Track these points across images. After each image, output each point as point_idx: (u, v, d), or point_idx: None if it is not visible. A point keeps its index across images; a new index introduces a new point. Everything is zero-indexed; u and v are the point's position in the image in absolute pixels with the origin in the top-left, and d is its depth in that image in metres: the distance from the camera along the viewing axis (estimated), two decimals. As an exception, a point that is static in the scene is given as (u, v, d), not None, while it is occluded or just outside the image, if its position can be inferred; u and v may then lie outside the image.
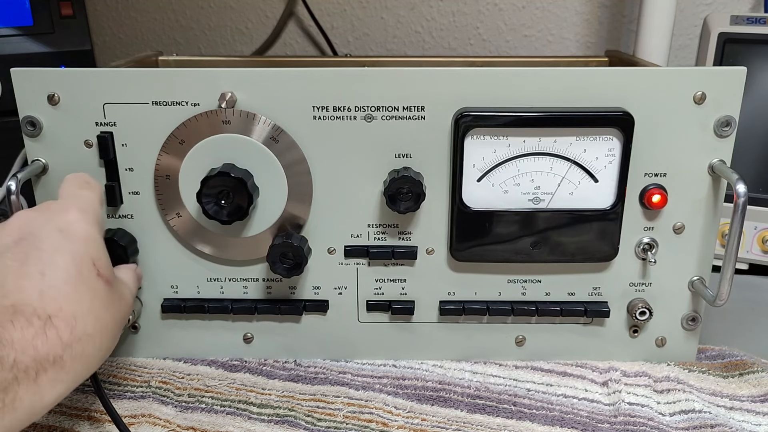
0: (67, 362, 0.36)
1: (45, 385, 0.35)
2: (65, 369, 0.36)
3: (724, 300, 0.50)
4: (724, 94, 0.48)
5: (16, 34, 0.78)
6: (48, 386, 0.36)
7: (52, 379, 0.36)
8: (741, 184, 0.47)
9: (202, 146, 0.49)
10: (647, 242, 0.52)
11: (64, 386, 0.37)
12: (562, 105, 0.48)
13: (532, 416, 0.49)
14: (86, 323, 0.38)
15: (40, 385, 0.35)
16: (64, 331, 0.36)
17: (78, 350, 0.37)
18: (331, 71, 0.48)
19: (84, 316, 0.38)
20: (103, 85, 0.48)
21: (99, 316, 0.39)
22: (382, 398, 0.51)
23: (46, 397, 0.36)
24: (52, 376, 0.36)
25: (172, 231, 0.52)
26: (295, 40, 0.99)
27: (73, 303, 0.38)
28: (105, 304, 0.40)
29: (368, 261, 0.53)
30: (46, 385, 0.35)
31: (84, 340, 0.37)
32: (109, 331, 0.40)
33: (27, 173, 0.49)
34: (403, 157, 0.50)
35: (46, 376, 0.35)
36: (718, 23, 0.69)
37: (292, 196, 0.50)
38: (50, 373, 0.36)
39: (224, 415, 0.49)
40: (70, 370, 0.37)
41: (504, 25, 0.91)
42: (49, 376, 0.36)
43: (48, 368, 0.35)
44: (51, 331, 0.36)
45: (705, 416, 0.48)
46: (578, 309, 0.53)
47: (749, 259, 0.71)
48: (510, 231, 0.51)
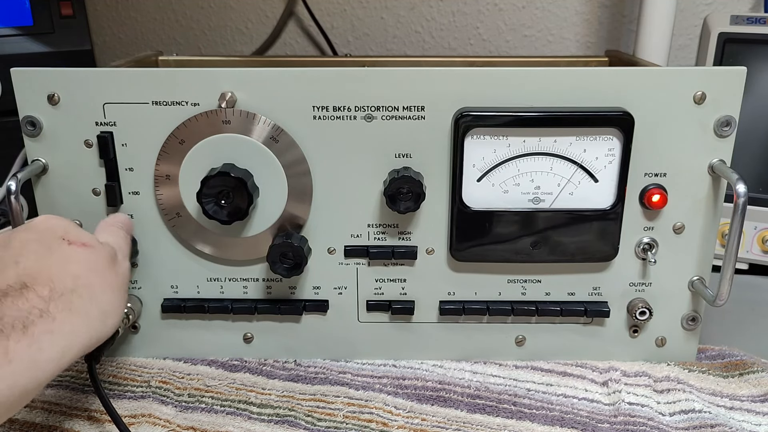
0: (55, 314, 0.38)
1: (40, 336, 0.36)
2: (57, 320, 0.38)
3: (724, 300, 0.49)
4: (724, 94, 0.48)
5: (16, 34, 0.78)
6: (44, 337, 0.37)
7: (46, 330, 0.37)
8: (741, 184, 0.47)
9: (202, 146, 0.49)
10: (647, 242, 0.52)
11: (64, 339, 0.38)
12: (562, 105, 0.48)
13: (532, 416, 0.49)
14: (65, 282, 0.40)
15: (33, 336, 0.36)
16: (43, 290, 0.38)
17: (64, 303, 0.39)
18: (331, 71, 0.48)
19: (61, 277, 0.40)
20: (103, 85, 0.48)
21: (79, 275, 0.41)
22: (382, 398, 0.51)
23: (47, 349, 0.37)
24: (44, 327, 0.37)
25: (172, 231, 0.52)
26: (295, 40, 0.99)
27: (46, 270, 0.40)
28: (86, 265, 0.42)
29: (368, 261, 0.53)
30: (40, 336, 0.36)
31: (67, 294, 0.39)
32: (100, 288, 0.42)
33: (27, 173, 0.49)
34: (403, 157, 0.50)
35: (36, 327, 0.36)
36: (718, 23, 0.69)
37: (292, 196, 0.50)
38: (40, 324, 0.37)
39: (224, 415, 0.49)
40: (63, 321, 0.38)
41: (504, 25, 0.91)
42: (40, 327, 0.37)
43: (35, 320, 0.37)
44: (29, 293, 0.38)
45: (705, 416, 0.48)
46: (578, 309, 0.53)
47: (749, 259, 0.71)
48: (510, 231, 0.51)
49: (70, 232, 0.44)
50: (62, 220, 0.45)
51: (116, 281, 0.44)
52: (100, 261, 0.43)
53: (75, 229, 0.44)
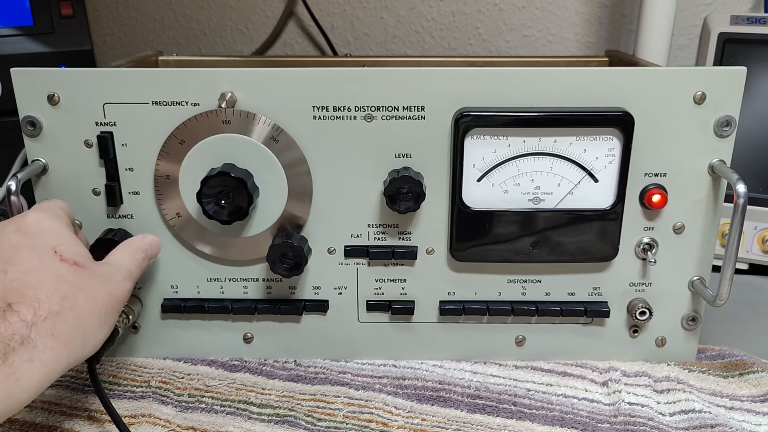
0: (36, 341, 0.37)
1: (19, 366, 0.35)
2: (38, 348, 0.37)
3: (724, 300, 0.50)
4: (724, 94, 0.48)
5: (16, 34, 0.78)
6: (23, 367, 0.36)
7: (26, 359, 0.36)
8: (741, 184, 0.47)
9: (202, 146, 0.49)
10: (647, 242, 0.52)
11: (43, 367, 0.37)
12: (562, 105, 0.48)
13: (532, 416, 0.49)
14: (51, 303, 0.38)
15: (12, 366, 0.35)
16: (27, 313, 0.37)
17: (46, 328, 0.37)
18: (331, 71, 0.48)
19: (48, 297, 0.38)
20: (103, 85, 0.48)
21: (66, 296, 0.39)
22: (382, 398, 0.51)
23: (24, 379, 0.36)
24: (25, 356, 0.36)
25: (172, 231, 0.52)
26: (295, 40, 0.99)
27: (34, 288, 0.38)
28: (75, 286, 0.40)
29: (368, 261, 0.53)
30: (20, 366, 0.36)
31: (51, 318, 0.38)
32: (88, 311, 0.40)
33: (27, 173, 0.49)
34: (403, 157, 0.50)
35: (17, 356, 0.36)
36: (718, 23, 0.69)
37: (292, 196, 0.50)
38: (21, 352, 0.36)
39: (224, 415, 0.49)
40: (44, 348, 0.37)
41: (504, 25, 0.91)
42: (21, 356, 0.36)
43: (16, 348, 0.36)
44: (12, 316, 0.37)
45: (705, 416, 0.48)
46: (578, 309, 0.53)
47: (749, 259, 0.71)
48: (510, 231, 0.51)
49: (63, 244, 0.42)
50: (56, 223, 0.44)
51: (105, 303, 0.42)
52: (91, 282, 0.41)
53: (69, 239, 0.43)
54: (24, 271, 0.39)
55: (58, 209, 0.46)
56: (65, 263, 0.41)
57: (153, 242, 0.50)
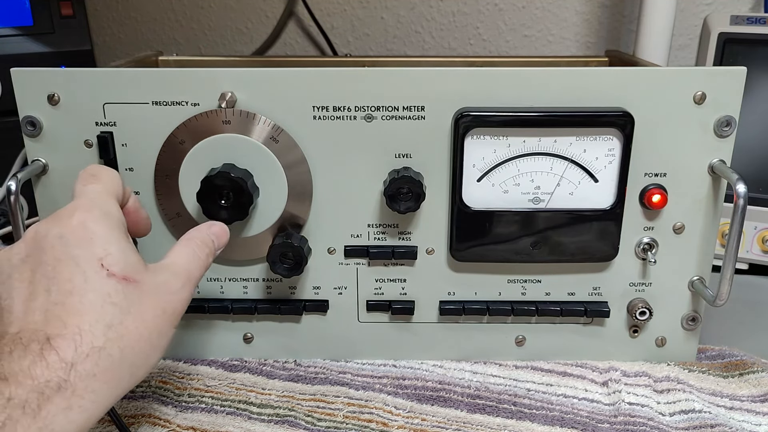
0: (76, 384, 0.31)
1: (53, 418, 0.31)
2: (77, 392, 0.31)
3: (724, 300, 0.49)
4: (724, 94, 0.48)
5: (16, 34, 0.78)
6: (59, 417, 0.31)
7: (63, 407, 0.31)
8: (741, 184, 0.47)
9: (202, 146, 0.49)
10: (647, 242, 0.52)
11: (83, 414, 0.32)
12: (562, 105, 0.48)
13: (532, 416, 0.49)
14: (94, 335, 0.33)
15: (45, 419, 0.30)
16: (67, 351, 0.32)
17: (88, 368, 0.32)
18: (331, 71, 0.48)
19: (91, 327, 0.33)
20: (103, 85, 0.48)
21: (112, 324, 0.34)
22: (382, 398, 0.51)
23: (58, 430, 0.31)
24: (61, 404, 0.31)
25: (172, 231, 0.52)
26: (295, 40, 0.99)
27: (77, 315, 0.33)
28: (123, 309, 0.34)
29: (368, 261, 0.53)
30: (55, 416, 0.31)
31: (93, 355, 0.32)
32: (136, 338, 0.34)
33: (27, 173, 0.49)
34: (403, 157, 0.50)
35: (53, 405, 0.31)
36: (718, 23, 0.69)
37: (292, 196, 0.50)
38: (57, 401, 0.31)
39: (224, 415, 0.49)
40: (83, 392, 0.32)
41: (504, 25, 0.91)
42: (57, 404, 0.31)
43: (52, 396, 0.31)
44: (50, 355, 0.31)
45: (705, 416, 0.48)
46: (578, 309, 0.53)
47: (749, 259, 0.71)
48: (510, 231, 0.51)
49: (111, 254, 0.35)
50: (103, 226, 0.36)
51: (158, 324, 0.36)
52: (142, 300, 0.35)
53: (117, 246, 0.36)
54: (68, 291, 0.33)
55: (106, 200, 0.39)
56: (113, 279, 0.35)
57: (221, 232, 0.43)
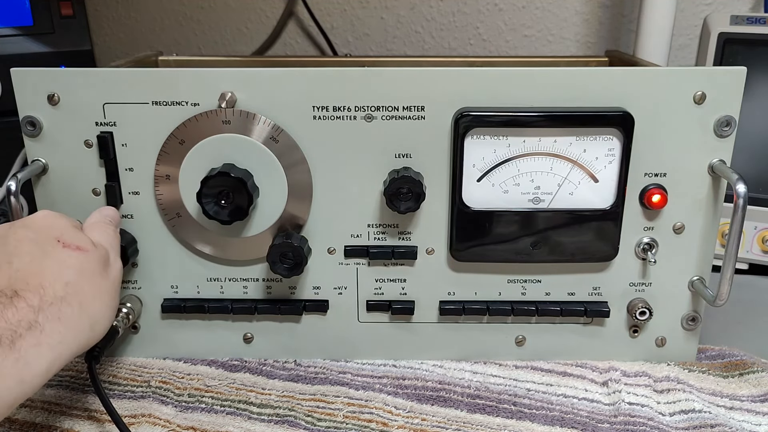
0: (44, 325, 0.38)
1: (27, 351, 0.36)
2: (45, 332, 0.37)
3: (724, 300, 0.50)
4: (724, 94, 0.48)
5: (16, 34, 0.78)
6: (31, 351, 0.36)
7: (34, 343, 0.37)
8: (741, 184, 0.47)
9: (202, 146, 0.49)
10: (647, 242, 0.52)
11: (52, 351, 0.38)
12: (562, 105, 0.48)
13: (532, 416, 0.49)
14: (55, 288, 0.39)
15: (20, 352, 0.36)
16: (33, 299, 0.38)
17: (53, 312, 0.38)
18: (331, 71, 0.48)
19: (52, 283, 0.39)
20: (103, 85, 0.48)
21: (70, 281, 0.40)
22: (382, 398, 0.51)
23: (33, 363, 0.36)
24: (32, 340, 0.37)
25: (172, 231, 0.52)
26: (295, 40, 0.99)
27: (39, 276, 0.39)
28: (78, 271, 0.41)
29: (368, 261, 0.53)
30: (28, 350, 0.36)
31: (56, 303, 0.39)
32: (89, 292, 0.41)
33: (27, 173, 0.49)
34: (403, 157, 0.50)
35: (24, 341, 0.36)
36: (718, 23, 0.69)
37: (292, 196, 0.50)
38: (28, 338, 0.36)
39: (224, 415, 0.49)
40: (51, 332, 0.38)
41: (504, 25, 0.91)
42: (28, 341, 0.36)
43: (23, 333, 0.36)
44: (19, 302, 0.37)
45: (705, 416, 0.48)
46: (578, 309, 0.53)
47: (749, 259, 0.71)
48: (510, 231, 0.51)
49: (66, 234, 0.43)
50: (60, 219, 0.44)
51: (107, 286, 0.43)
52: (92, 266, 0.43)
53: (71, 230, 0.44)
54: (28, 261, 0.40)
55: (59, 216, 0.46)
56: (68, 249, 0.42)
57: (113, 213, 0.50)
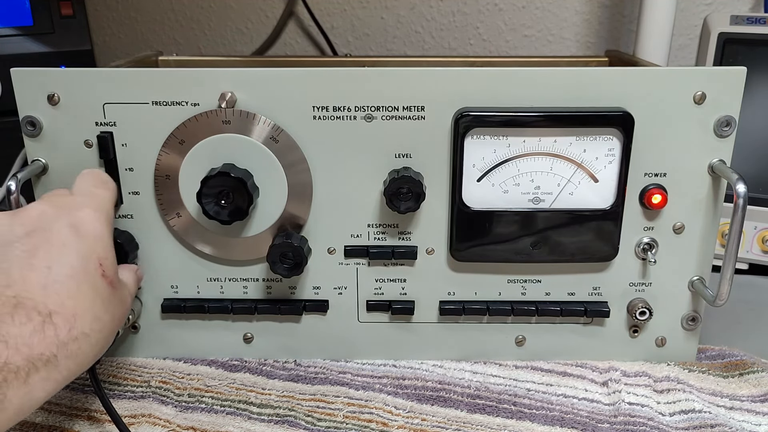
0: (60, 362, 0.36)
1: (35, 385, 0.35)
2: (58, 368, 0.36)
3: (724, 300, 0.49)
4: (724, 94, 0.48)
5: (16, 34, 0.78)
6: (39, 385, 0.35)
7: (44, 378, 0.35)
8: (741, 184, 0.47)
9: (202, 146, 0.49)
10: (647, 242, 0.52)
11: (55, 385, 0.37)
12: (562, 105, 0.48)
13: (532, 416, 0.49)
14: (85, 322, 0.38)
15: (30, 385, 0.35)
16: (62, 329, 0.36)
17: (73, 349, 0.37)
18: (331, 71, 0.48)
19: (84, 315, 0.38)
20: (103, 85, 0.48)
21: (98, 316, 0.39)
22: (382, 398, 0.51)
23: (36, 396, 0.35)
24: (44, 375, 0.35)
25: (172, 231, 0.52)
26: (295, 40, 0.99)
27: (75, 300, 0.38)
28: (105, 305, 0.40)
29: (368, 261, 0.53)
30: (36, 384, 0.35)
31: (80, 339, 0.37)
32: (106, 332, 0.40)
33: (27, 173, 0.49)
34: (403, 157, 0.50)
35: (38, 375, 0.35)
36: (718, 23, 0.69)
37: (292, 196, 0.50)
38: (42, 372, 0.35)
39: (224, 415, 0.49)
40: (63, 369, 0.37)
41: (504, 25, 0.91)
42: (41, 375, 0.35)
43: (40, 368, 0.35)
44: (49, 329, 0.36)
45: (705, 416, 0.48)
46: (578, 309, 0.53)
47: (749, 259, 0.71)
48: (510, 231, 0.51)
49: (107, 259, 0.41)
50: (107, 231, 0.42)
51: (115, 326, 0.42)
52: (114, 305, 0.41)
53: (111, 253, 0.42)
54: (68, 275, 0.38)
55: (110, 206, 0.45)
56: (104, 280, 0.40)
57: (141, 273, 0.50)
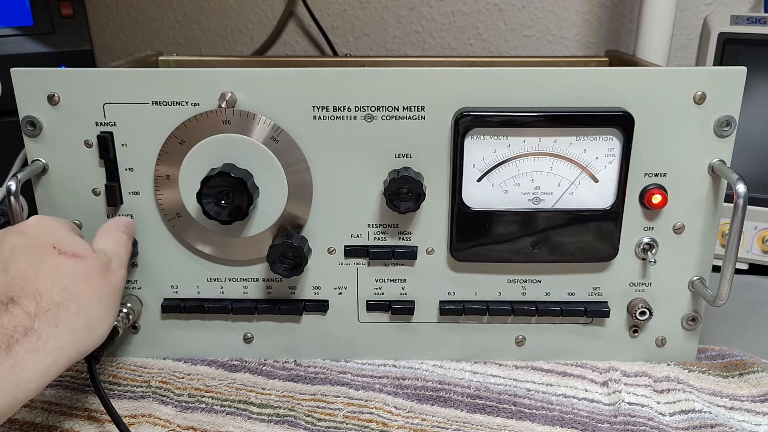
0: (40, 331, 0.38)
1: (23, 356, 0.36)
2: (42, 338, 0.38)
3: (724, 300, 0.50)
4: (724, 94, 0.48)
5: (16, 34, 0.78)
6: (27, 357, 0.37)
7: (30, 349, 0.37)
8: (741, 184, 0.47)
9: (202, 146, 0.49)
10: (647, 242, 0.52)
11: (48, 357, 0.38)
12: (562, 105, 0.48)
13: (532, 416, 0.49)
14: (52, 294, 0.39)
15: (16, 357, 0.36)
16: (29, 305, 0.38)
17: (50, 318, 0.38)
18: (331, 71, 0.48)
19: (49, 289, 0.39)
20: (103, 85, 0.48)
21: (65, 287, 0.40)
22: (382, 398, 0.51)
23: (29, 369, 0.37)
24: (29, 346, 0.37)
25: (172, 231, 0.52)
26: (295, 40, 0.99)
27: (35, 282, 0.39)
28: (75, 277, 0.41)
29: (368, 261, 0.53)
30: (24, 356, 0.36)
31: (53, 309, 0.39)
32: (85, 297, 0.41)
33: (27, 173, 0.49)
34: (403, 157, 0.50)
35: (21, 347, 0.36)
36: (718, 23, 0.69)
37: (292, 196, 0.50)
38: (25, 343, 0.37)
39: (224, 415, 0.49)
40: (48, 338, 0.38)
41: (504, 25, 0.91)
42: (25, 346, 0.37)
43: (20, 339, 0.37)
44: (15, 308, 0.38)
45: (705, 416, 0.48)
46: (578, 309, 0.53)
47: (749, 259, 0.71)
48: (510, 231, 0.51)
49: (62, 240, 0.43)
50: (55, 224, 0.44)
51: (106, 292, 0.43)
52: (90, 272, 0.42)
53: (68, 236, 0.44)
54: (23, 267, 0.40)
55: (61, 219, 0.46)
56: (64, 255, 0.42)
57: (128, 222, 0.50)
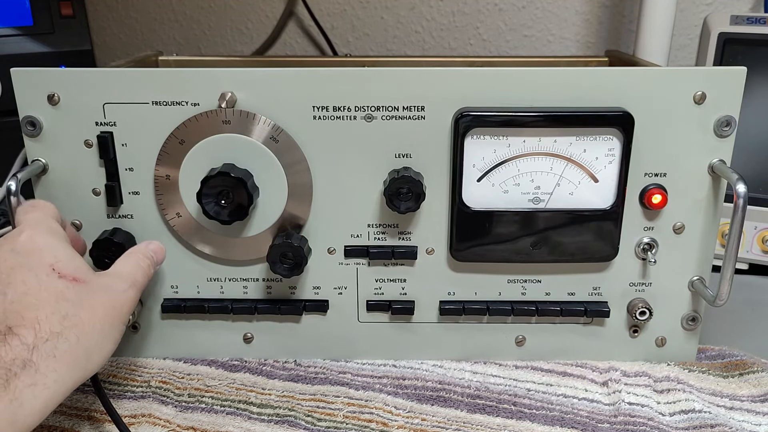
0: (39, 364, 0.36)
1: (21, 391, 0.35)
2: (41, 371, 0.36)
3: (724, 300, 0.50)
4: (724, 94, 0.48)
5: (16, 34, 0.78)
6: (26, 391, 0.35)
7: (29, 383, 0.36)
8: (741, 184, 0.47)
9: (202, 146, 0.49)
10: (647, 242, 0.52)
11: (47, 390, 0.36)
12: (562, 105, 0.48)
13: (532, 416, 0.49)
14: (51, 323, 0.38)
15: (14, 392, 0.35)
16: (27, 336, 0.37)
17: (48, 350, 0.37)
18: (331, 71, 0.48)
19: (48, 318, 0.38)
20: (103, 85, 0.48)
21: (66, 314, 0.39)
22: (382, 398, 0.51)
23: (27, 404, 0.35)
24: (27, 380, 0.36)
25: (172, 231, 0.52)
26: (295, 40, 0.99)
27: (34, 309, 0.38)
28: (76, 303, 0.40)
29: (368, 261, 0.53)
30: (23, 390, 0.35)
31: (52, 339, 0.37)
32: (87, 326, 0.40)
33: (27, 173, 0.49)
34: (403, 157, 0.50)
35: (19, 381, 0.35)
36: (718, 23, 0.69)
37: (292, 196, 0.50)
38: (23, 377, 0.35)
39: (224, 415, 0.49)
40: (46, 371, 0.36)
41: (504, 25, 0.91)
42: (23, 380, 0.35)
43: (18, 372, 0.35)
44: (13, 340, 0.36)
45: (705, 416, 0.48)
46: (578, 309, 0.53)
47: (749, 259, 0.71)
48: (510, 231, 0.51)
49: (60, 260, 0.41)
50: (49, 239, 0.42)
51: (110, 316, 0.41)
52: (92, 296, 0.41)
53: (65, 253, 0.42)
54: (23, 292, 0.38)
55: (48, 220, 0.44)
56: (64, 280, 0.40)
57: (158, 249, 0.50)
